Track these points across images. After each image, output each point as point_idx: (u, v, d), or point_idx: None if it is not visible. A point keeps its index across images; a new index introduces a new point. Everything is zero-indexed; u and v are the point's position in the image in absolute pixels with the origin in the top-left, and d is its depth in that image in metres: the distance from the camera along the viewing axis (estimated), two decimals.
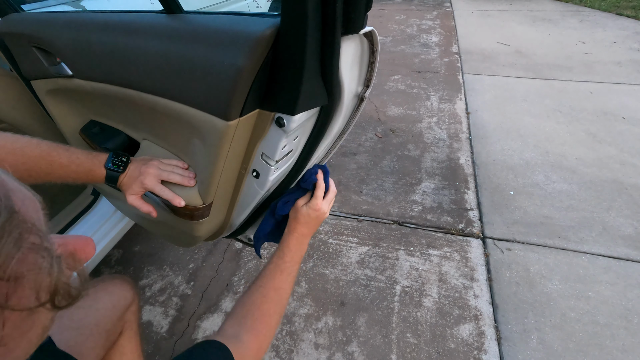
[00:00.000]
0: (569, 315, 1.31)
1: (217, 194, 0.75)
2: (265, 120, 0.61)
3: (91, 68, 0.74)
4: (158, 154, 0.83)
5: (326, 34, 0.49)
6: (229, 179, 0.75)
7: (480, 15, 4.76)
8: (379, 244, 1.64)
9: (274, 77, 0.56)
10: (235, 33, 0.53)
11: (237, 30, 0.53)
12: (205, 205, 0.76)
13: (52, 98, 0.90)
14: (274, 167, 0.69)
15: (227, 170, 0.70)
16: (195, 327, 1.35)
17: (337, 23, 0.48)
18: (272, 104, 0.59)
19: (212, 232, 0.94)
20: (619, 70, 3.04)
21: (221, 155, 0.64)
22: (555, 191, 1.86)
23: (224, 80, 0.54)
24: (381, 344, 1.26)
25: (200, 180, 0.73)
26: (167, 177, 0.70)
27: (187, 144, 0.73)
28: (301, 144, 0.72)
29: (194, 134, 0.67)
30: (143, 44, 0.64)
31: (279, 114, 0.58)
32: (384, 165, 2.15)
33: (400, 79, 3.20)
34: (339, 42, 0.51)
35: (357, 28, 0.51)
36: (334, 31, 0.49)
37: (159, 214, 0.83)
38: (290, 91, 0.54)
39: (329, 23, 0.48)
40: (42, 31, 0.78)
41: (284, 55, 0.52)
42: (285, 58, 0.52)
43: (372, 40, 0.62)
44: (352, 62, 0.64)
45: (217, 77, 0.55)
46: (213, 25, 0.57)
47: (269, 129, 0.62)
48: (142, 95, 0.68)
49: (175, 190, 0.73)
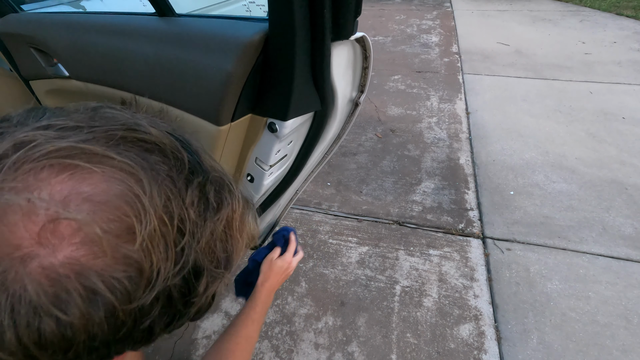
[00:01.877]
0: (569, 315, 1.31)
1: None
2: (258, 125, 0.61)
3: (86, 70, 0.74)
4: None
5: (316, 39, 0.49)
6: None
7: (480, 15, 4.76)
8: (379, 244, 1.64)
9: (265, 82, 0.55)
10: (224, 38, 0.53)
11: (226, 35, 0.53)
12: None
13: (50, 98, 0.90)
14: (268, 172, 0.68)
15: None
16: (195, 327, 1.35)
17: (326, 29, 0.48)
18: (264, 109, 0.58)
19: None
20: (619, 70, 3.04)
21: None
22: (555, 191, 1.86)
23: (214, 85, 0.54)
24: (381, 344, 1.26)
25: None
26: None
27: None
28: (296, 148, 0.71)
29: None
30: (135, 46, 0.64)
31: (271, 120, 0.58)
32: (384, 165, 2.14)
33: (400, 79, 3.19)
34: (329, 48, 0.50)
35: (347, 34, 0.51)
36: (323, 37, 0.48)
37: None
38: (282, 97, 0.53)
39: (318, 29, 0.48)
40: (38, 32, 0.78)
41: (273, 61, 0.52)
42: (275, 63, 0.52)
43: (365, 46, 0.62)
44: (346, 68, 0.63)
45: (207, 81, 0.55)
46: (203, 30, 0.57)
47: (261, 134, 0.62)
48: (136, 97, 0.68)
49: None
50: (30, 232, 0.17)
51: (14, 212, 0.17)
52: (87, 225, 0.18)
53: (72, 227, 0.18)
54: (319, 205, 1.88)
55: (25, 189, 0.18)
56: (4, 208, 0.17)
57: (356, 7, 0.49)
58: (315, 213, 1.82)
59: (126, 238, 0.19)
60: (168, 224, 0.20)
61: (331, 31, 0.49)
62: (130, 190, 0.19)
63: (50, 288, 0.18)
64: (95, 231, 0.18)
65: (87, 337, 0.19)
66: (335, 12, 0.48)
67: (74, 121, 0.21)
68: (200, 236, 0.22)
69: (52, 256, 0.18)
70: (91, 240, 0.18)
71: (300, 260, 0.76)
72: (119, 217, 0.19)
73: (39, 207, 0.18)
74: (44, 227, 0.17)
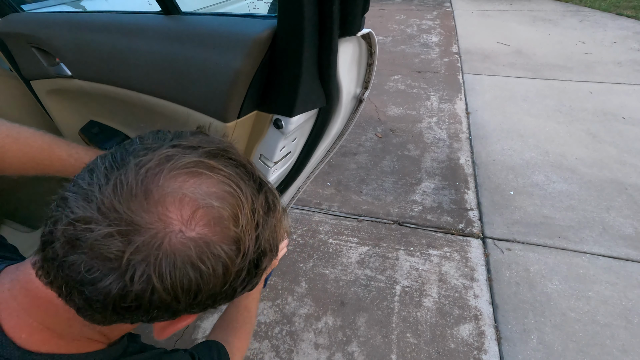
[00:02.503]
0: (569, 315, 1.31)
1: None
2: (264, 122, 0.61)
3: (90, 69, 0.74)
4: None
5: (323, 36, 0.49)
6: None
7: (480, 15, 4.76)
8: (379, 244, 1.64)
9: (271, 79, 0.55)
10: (232, 35, 0.53)
11: (234, 32, 0.53)
12: None
13: (51, 98, 0.90)
14: (273, 169, 0.69)
15: None
16: (195, 327, 1.36)
17: (334, 25, 0.48)
18: (270, 105, 0.58)
19: None
20: (619, 70, 3.04)
21: None
22: (555, 191, 1.86)
23: (221, 82, 0.54)
24: (381, 344, 1.26)
25: None
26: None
27: None
28: (300, 145, 0.71)
29: None
30: (141, 45, 0.64)
31: (277, 116, 0.58)
32: (384, 165, 2.14)
33: (401, 79, 3.20)
34: (336, 44, 0.51)
35: (355, 30, 0.51)
36: (331, 33, 0.49)
37: None
38: (288, 93, 0.54)
39: (326, 25, 0.48)
40: (41, 31, 0.78)
41: (281, 57, 0.52)
42: (282, 60, 0.52)
43: (370, 42, 0.62)
44: (351, 64, 0.63)
45: (214, 78, 0.55)
46: (210, 27, 0.57)
47: (267, 130, 0.62)
48: (141, 96, 0.68)
49: None
50: (182, 214, 0.27)
51: (171, 201, 0.27)
52: (214, 212, 0.28)
53: (205, 213, 0.27)
54: (319, 205, 1.88)
55: (178, 187, 0.27)
56: (165, 197, 0.27)
57: (364, 3, 0.49)
58: (315, 213, 1.83)
59: (233, 223, 0.29)
60: (254, 217, 0.31)
61: (339, 27, 0.49)
62: (235, 191, 0.29)
63: (191, 251, 0.27)
64: (218, 216, 0.28)
65: (209, 287, 0.28)
66: (344, 8, 0.48)
67: (190, 142, 0.31)
68: (265, 228, 0.32)
69: (193, 231, 0.27)
70: (215, 222, 0.28)
71: (300, 260, 0.76)
72: (230, 208, 0.29)
73: (188, 199, 0.27)
74: (190, 212, 0.27)
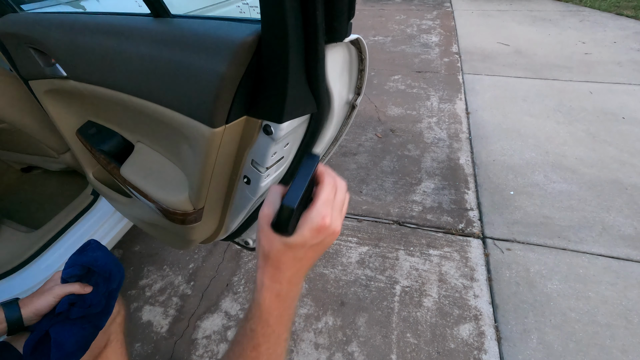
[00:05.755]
0: (569, 315, 1.31)
1: (208, 199, 0.74)
2: (253, 128, 0.60)
3: (83, 70, 0.74)
4: (151, 157, 0.83)
5: (309, 41, 0.49)
6: (220, 185, 0.74)
7: (480, 15, 4.76)
8: (379, 244, 1.64)
9: (259, 84, 0.55)
10: (218, 39, 0.52)
11: (219, 36, 0.52)
12: (196, 211, 0.75)
13: (49, 98, 0.90)
14: (265, 174, 0.68)
15: (217, 176, 0.69)
16: (195, 327, 1.35)
17: (319, 31, 0.47)
18: (259, 111, 0.57)
19: (206, 236, 0.93)
20: (619, 70, 3.04)
21: (209, 162, 0.63)
22: (555, 191, 1.86)
23: (207, 86, 0.53)
24: (381, 344, 1.26)
25: (191, 186, 0.72)
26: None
27: (178, 149, 0.72)
28: (293, 150, 0.71)
29: (182, 140, 0.66)
30: (129, 47, 0.63)
31: (266, 122, 0.57)
32: (384, 165, 2.14)
33: (400, 79, 3.19)
34: (322, 49, 0.50)
35: (341, 36, 0.50)
36: (317, 39, 0.48)
37: (153, 218, 0.82)
38: (276, 99, 0.53)
39: (311, 31, 0.47)
40: (36, 32, 0.77)
41: (267, 62, 0.51)
42: (268, 65, 0.51)
43: (360, 48, 0.61)
44: (342, 70, 0.63)
45: (200, 83, 0.54)
46: (196, 31, 0.56)
47: (257, 136, 0.61)
48: (132, 98, 0.67)
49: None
50: None
51: None
52: None
53: None
54: None
55: None
56: None
57: (349, 9, 0.48)
58: None
59: None
60: None
61: (324, 33, 0.49)
62: None
63: None
64: None
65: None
66: (328, 15, 0.47)
67: None
68: None
69: None
70: None
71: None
72: None
73: None
74: None
